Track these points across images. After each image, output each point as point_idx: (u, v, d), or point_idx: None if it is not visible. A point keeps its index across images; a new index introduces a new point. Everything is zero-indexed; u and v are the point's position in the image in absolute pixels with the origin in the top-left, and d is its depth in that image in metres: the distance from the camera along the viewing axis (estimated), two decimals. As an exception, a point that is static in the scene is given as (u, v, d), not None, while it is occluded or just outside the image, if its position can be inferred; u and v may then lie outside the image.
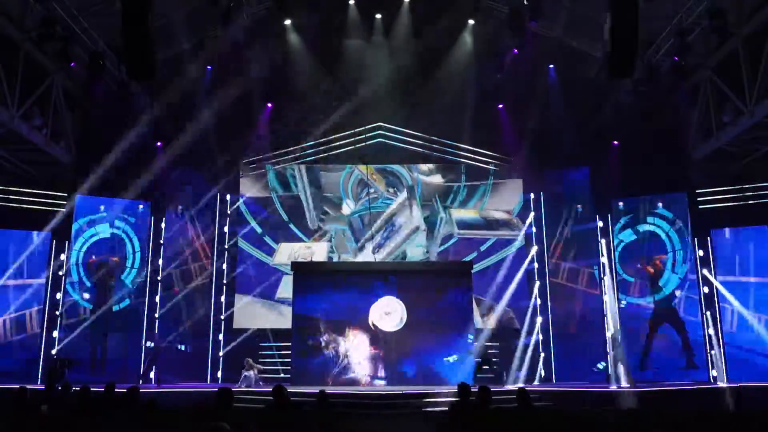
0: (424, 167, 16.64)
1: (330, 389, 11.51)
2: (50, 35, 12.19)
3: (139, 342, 14.89)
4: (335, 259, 16.22)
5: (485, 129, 16.02)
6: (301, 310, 14.18)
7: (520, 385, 12.72)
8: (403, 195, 16.50)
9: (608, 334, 14.61)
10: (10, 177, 14.55)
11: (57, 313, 14.26)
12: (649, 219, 15.02)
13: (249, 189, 16.54)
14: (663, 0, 12.54)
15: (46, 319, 14.23)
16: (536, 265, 16.01)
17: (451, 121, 15.80)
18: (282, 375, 14.59)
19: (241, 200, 16.40)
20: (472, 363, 13.81)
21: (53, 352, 13.91)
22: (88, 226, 14.88)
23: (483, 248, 16.27)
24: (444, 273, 15.08)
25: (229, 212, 16.33)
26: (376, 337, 13.98)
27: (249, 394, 11.71)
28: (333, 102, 15.96)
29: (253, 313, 15.81)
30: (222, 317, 15.70)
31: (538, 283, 15.83)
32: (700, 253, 14.61)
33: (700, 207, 14.76)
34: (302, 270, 14.85)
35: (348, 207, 16.51)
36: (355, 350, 13.93)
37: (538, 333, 15.37)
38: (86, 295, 14.60)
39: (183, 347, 15.08)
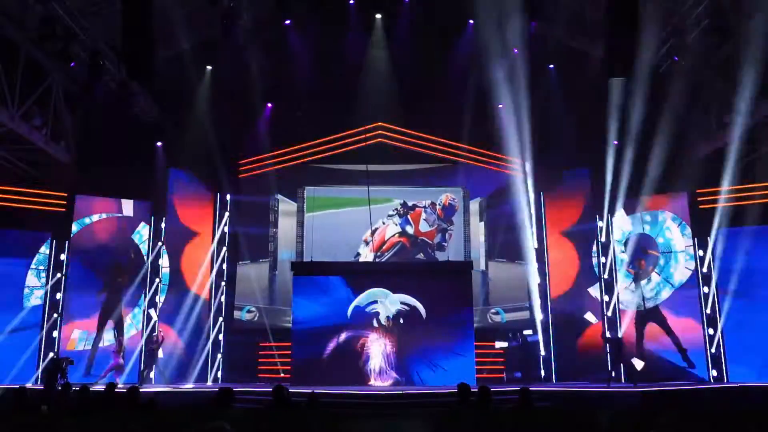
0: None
1: (330, 389, 11.53)
2: (50, 35, 12.18)
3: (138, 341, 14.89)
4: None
5: (485, 129, 16.01)
6: (301, 310, 14.20)
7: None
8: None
9: (608, 334, 14.62)
10: (10, 177, 14.54)
11: (56, 315, 14.25)
12: (648, 219, 15.02)
13: (248, 189, 16.57)
14: (663, 0, 12.53)
15: (46, 319, 14.21)
16: (536, 264, 16.01)
17: (451, 121, 15.79)
18: (282, 375, 14.61)
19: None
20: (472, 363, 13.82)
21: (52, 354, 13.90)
22: (88, 226, 14.87)
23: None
24: (444, 272, 15.07)
25: (228, 212, 16.35)
26: (377, 336, 13.99)
27: (249, 395, 11.69)
28: (333, 102, 15.95)
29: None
30: (221, 318, 15.74)
31: (538, 283, 15.85)
32: (700, 253, 14.61)
33: (700, 207, 14.75)
34: (302, 269, 14.85)
35: None
36: (356, 350, 13.93)
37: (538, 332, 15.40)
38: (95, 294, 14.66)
39: (183, 347, 15.07)
